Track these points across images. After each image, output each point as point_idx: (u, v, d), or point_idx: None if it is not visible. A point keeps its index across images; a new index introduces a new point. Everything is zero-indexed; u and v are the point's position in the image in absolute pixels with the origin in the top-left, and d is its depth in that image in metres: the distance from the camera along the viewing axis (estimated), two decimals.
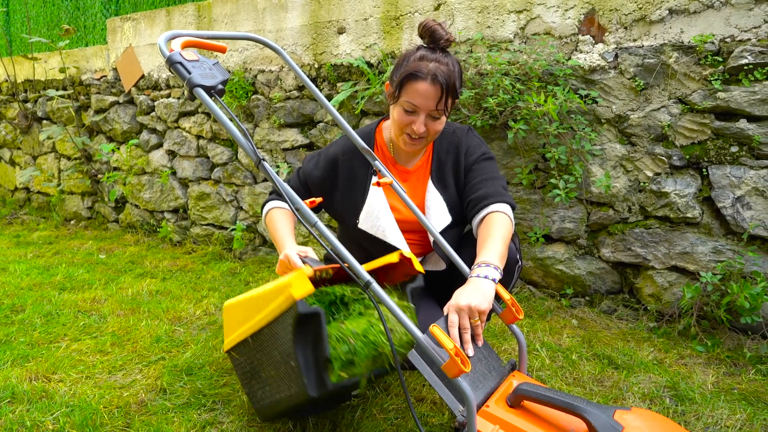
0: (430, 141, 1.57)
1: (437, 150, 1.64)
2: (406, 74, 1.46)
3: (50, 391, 1.59)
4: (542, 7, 2.28)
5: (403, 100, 1.47)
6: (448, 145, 1.63)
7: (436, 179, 1.61)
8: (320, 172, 1.66)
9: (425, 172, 1.63)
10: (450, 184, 1.61)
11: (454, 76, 1.46)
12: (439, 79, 1.43)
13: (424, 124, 1.47)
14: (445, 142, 1.64)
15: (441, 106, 1.46)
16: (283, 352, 1.25)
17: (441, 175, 1.61)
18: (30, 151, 4.62)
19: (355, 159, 1.62)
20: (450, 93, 1.46)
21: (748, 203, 1.96)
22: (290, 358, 1.22)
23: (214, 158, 3.37)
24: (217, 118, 1.16)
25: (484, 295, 1.25)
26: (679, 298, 2.08)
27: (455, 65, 1.48)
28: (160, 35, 1.23)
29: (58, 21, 4.64)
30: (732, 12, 1.94)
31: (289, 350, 1.22)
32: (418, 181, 1.63)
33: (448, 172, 1.61)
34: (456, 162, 1.61)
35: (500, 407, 1.16)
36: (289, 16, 3.00)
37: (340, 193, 1.64)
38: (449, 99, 1.47)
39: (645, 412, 1.12)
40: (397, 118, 1.51)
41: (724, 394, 1.62)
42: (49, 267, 2.99)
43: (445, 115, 1.51)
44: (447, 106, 1.48)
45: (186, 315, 2.25)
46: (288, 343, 1.22)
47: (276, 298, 1.23)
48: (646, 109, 2.11)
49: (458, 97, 1.53)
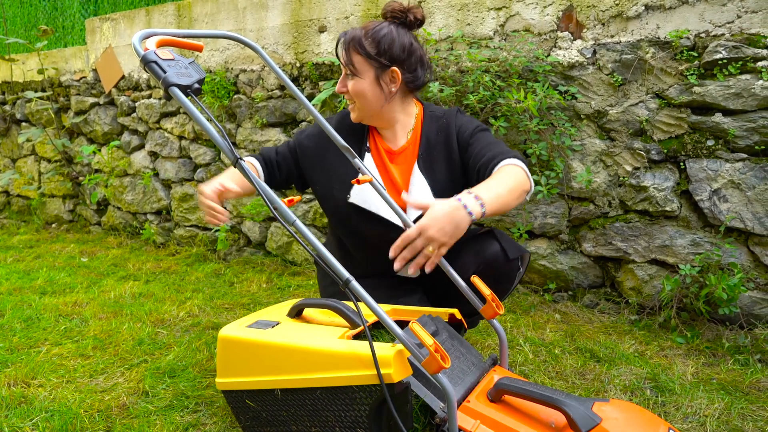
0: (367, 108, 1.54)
1: (426, 132, 1.61)
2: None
3: (29, 397, 1.57)
4: (521, 4, 2.29)
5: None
6: (438, 128, 1.61)
7: (424, 163, 1.58)
8: (312, 143, 1.66)
9: (412, 155, 1.61)
10: (440, 168, 1.57)
11: (362, 35, 1.49)
12: (342, 38, 1.51)
13: (343, 84, 1.53)
14: (434, 125, 1.62)
15: (345, 59, 1.51)
16: (343, 418, 1.16)
17: (429, 158, 1.58)
18: (9, 153, 4.54)
19: (349, 136, 1.61)
20: (350, 46, 1.50)
21: (725, 196, 1.99)
22: (358, 426, 1.15)
23: (196, 159, 3.35)
24: (193, 117, 1.15)
25: (456, 226, 1.18)
26: (659, 290, 2.11)
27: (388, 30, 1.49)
28: (135, 34, 1.21)
29: (36, 21, 4.57)
30: (706, 7, 1.97)
31: (356, 419, 1.15)
32: (404, 163, 1.61)
33: (439, 155, 1.58)
34: (447, 143, 1.58)
35: (481, 402, 1.17)
36: (270, 15, 2.98)
37: (331, 168, 1.62)
38: (351, 54, 1.50)
39: (623, 404, 1.14)
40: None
41: (703, 384, 1.65)
42: (30, 271, 2.94)
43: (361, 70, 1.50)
44: (352, 61, 1.50)
45: (169, 317, 2.23)
46: (358, 412, 1.14)
47: (353, 367, 1.12)
48: (624, 105, 2.13)
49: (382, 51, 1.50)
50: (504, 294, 1.56)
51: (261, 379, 1.26)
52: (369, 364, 1.10)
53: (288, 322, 1.37)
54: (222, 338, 1.33)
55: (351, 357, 1.14)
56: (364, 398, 1.13)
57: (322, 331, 1.27)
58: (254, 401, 1.29)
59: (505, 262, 1.50)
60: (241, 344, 1.30)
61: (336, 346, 1.17)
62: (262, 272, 2.89)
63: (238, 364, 1.31)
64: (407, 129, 1.62)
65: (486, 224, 2.44)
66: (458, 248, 1.56)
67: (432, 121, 1.62)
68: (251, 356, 1.28)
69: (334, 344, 1.18)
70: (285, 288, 2.66)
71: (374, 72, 1.50)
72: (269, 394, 1.26)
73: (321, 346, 1.19)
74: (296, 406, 1.23)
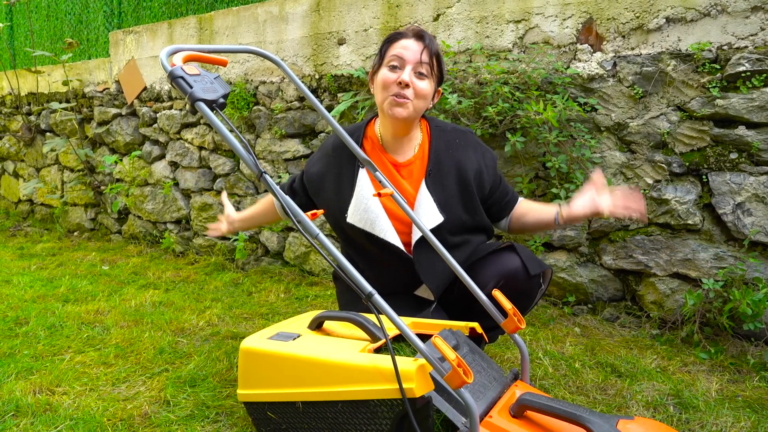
0: (417, 111, 1.52)
1: (435, 147, 1.59)
2: (388, 38, 1.51)
3: (54, 404, 1.59)
4: (540, 16, 2.30)
5: (387, 60, 1.50)
6: (448, 144, 1.60)
7: (433, 179, 1.56)
8: (316, 168, 1.68)
9: (420, 170, 1.59)
10: (449, 184, 1.57)
11: (437, 44, 1.53)
12: (422, 35, 1.48)
13: (409, 77, 1.46)
14: (443, 139, 1.60)
15: (426, 59, 1.47)
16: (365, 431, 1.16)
17: (439, 174, 1.57)
18: (33, 163, 4.65)
19: (343, 155, 1.61)
20: (435, 53, 1.49)
21: (749, 209, 1.96)
22: None
23: (216, 169, 3.39)
24: (218, 131, 1.18)
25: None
26: (681, 305, 2.08)
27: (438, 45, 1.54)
28: (162, 50, 1.24)
29: (62, 35, 4.69)
30: (728, 20, 1.96)
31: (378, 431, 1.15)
32: (410, 177, 1.60)
33: (449, 172, 1.57)
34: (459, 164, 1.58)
35: (503, 418, 1.16)
36: (290, 28, 3.02)
37: (331, 189, 1.63)
38: (433, 59, 1.49)
39: (648, 422, 1.12)
40: (381, 81, 1.50)
41: (728, 401, 1.62)
42: (53, 279, 3.00)
43: (431, 77, 1.50)
44: (432, 66, 1.49)
45: (189, 326, 2.25)
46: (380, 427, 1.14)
47: (375, 381, 1.12)
48: (645, 117, 2.12)
49: (443, 70, 1.54)
50: (525, 310, 1.55)
51: (282, 391, 1.27)
52: (391, 378, 1.10)
53: (309, 334, 1.38)
54: (243, 350, 1.34)
55: (373, 371, 1.14)
56: (385, 412, 1.13)
57: (343, 344, 1.27)
58: (275, 413, 1.30)
59: (527, 279, 1.49)
60: (262, 356, 1.30)
61: (357, 360, 1.17)
62: (280, 282, 2.91)
63: (259, 376, 1.31)
64: (415, 142, 1.62)
65: (505, 238, 2.43)
66: (479, 263, 1.56)
67: (440, 134, 1.62)
68: (273, 368, 1.29)
69: (356, 358, 1.18)
70: (303, 298, 2.67)
71: (435, 84, 1.54)
72: (290, 406, 1.26)
73: (342, 360, 1.19)
74: (317, 419, 1.23)
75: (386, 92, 1.49)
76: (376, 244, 1.56)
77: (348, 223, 1.57)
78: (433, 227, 1.51)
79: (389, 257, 1.56)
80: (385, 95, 1.50)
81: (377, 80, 1.53)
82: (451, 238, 1.56)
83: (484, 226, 1.64)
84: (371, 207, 1.54)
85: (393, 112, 1.49)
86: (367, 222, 1.54)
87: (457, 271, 1.39)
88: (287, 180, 1.81)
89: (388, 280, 1.61)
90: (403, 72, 1.47)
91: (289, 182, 1.80)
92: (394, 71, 1.48)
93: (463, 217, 1.57)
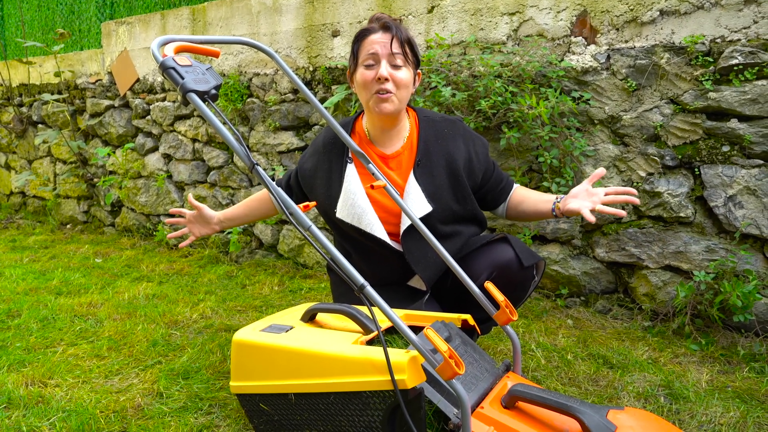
0: (402, 101, 1.53)
1: (424, 138, 1.60)
2: (357, 36, 1.52)
3: (46, 397, 1.59)
4: (535, 9, 2.29)
5: (361, 59, 1.51)
6: (437, 134, 1.60)
7: (422, 169, 1.57)
8: (309, 164, 1.69)
9: (409, 161, 1.60)
10: (439, 173, 1.57)
11: (405, 28, 1.51)
12: (388, 25, 1.49)
13: (387, 71, 1.48)
14: (432, 130, 1.61)
15: (397, 50, 1.48)
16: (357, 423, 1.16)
17: (428, 164, 1.58)
18: (25, 155, 4.61)
19: (333, 150, 1.63)
20: (405, 40, 1.49)
21: (740, 202, 1.97)
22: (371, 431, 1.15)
23: (209, 161, 3.38)
24: (210, 123, 1.17)
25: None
26: (673, 297, 2.10)
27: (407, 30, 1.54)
28: (153, 40, 1.23)
29: (53, 25, 4.64)
30: (722, 13, 1.96)
31: (370, 424, 1.15)
32: (398, 168, 1.60)
33: (438, 162, 1.58)
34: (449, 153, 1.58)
35: (495, 408, 1.17)
36: (284, 20, 3.00)
37: (322, 184, 1.64)
38: (405, 47, 1.49)
39: (638, 412, 1.13)
40: (361, 81, 1.52)
41: (718, 392, 1.64)
42: (45, 271, 2.98)
43: (407, 65, 1.51)
44: (406, 53, 1.49)
45: (182, 318, 2.25)
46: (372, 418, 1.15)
47: (367, 372, 1.13)
48: (638, 110, 2.13)
49: (417, 53, 1.54)
50: (517, 302, 1.56)
51: (275, 383, 1.27)
52: (383, 370, 1.10)
53: (302, 326, 1.38)
54: (236, 342, 1.34)
55: (365, 362, 1.14)
56: (377, 404, 1.13)
57: (335, 336, 1.28)
58: (268, 405, 1.30)
59: (520, 270, 1.50)
60: (255, 348, 1.30)
61: (350, 352, 1.18)
62: (274, 275, 2.91)
63: (252, 367, 1.31)
64: (403, 134, 1.62)
65: (498, 230, 2.44)
66: (472, 254, 1.56)
67: (429, 125, 1.62)
68: (265, 360, 1.29)
69: (348, 349, 1.19)
70: (297, 291, 2.67)
71: (413, 70, 1.55)
72: (283, 398, 1.26)
73: (335, 351, 1.19)
74: (310, 411, 1.24)
75: (368, 91, 1.52)
76: (365, 238, 1.58)
77: (338, 218, 1.58)
78: (422, 216, 1.51)
79: (381, 249, 1.57)
80: (369, 94, 1.52)
81: (357, 81, 1.55)
82: (442, 227, 1.56)
83: (476, 217, 1.64)
84: (358, 202, 1.55)
85: (380, 109, 1.51)
86: (354, 217, 1.55)
87: (446, 260, 1.40)
88: (284, 176, 1.82)
89: (381, 271, 1.61)
90: (379, 67, 1.49)
91: (285, 178, 1.81)
92: (371, 69, 1.50)
93: (453, 207, 1.57)
